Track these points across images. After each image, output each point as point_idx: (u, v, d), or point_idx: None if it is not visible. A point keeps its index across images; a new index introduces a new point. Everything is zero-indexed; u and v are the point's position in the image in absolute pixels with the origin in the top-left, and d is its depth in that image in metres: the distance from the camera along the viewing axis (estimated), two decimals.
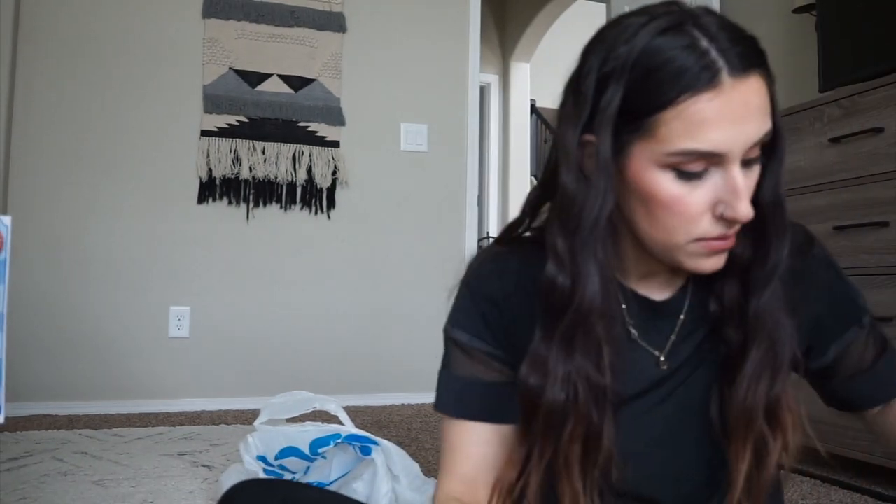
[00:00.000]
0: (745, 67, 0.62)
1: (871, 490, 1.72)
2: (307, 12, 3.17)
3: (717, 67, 0.61)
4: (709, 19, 0.64)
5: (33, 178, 2.81)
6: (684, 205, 0.65)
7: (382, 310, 3.16)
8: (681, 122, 0.62)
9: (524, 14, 6.29)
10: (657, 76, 0.62)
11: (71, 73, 2.87)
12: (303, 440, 1.38)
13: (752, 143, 0.63)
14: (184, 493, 1.65)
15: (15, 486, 1.66)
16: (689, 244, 0.67)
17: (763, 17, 2.75)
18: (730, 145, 0.62)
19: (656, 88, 0.62)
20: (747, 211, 0.64)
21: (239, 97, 3.05)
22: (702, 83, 0.61)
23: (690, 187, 0.64)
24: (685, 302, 0.77)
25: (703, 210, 0.65)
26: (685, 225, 0.66)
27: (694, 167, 0.63)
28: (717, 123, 0.61)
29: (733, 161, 0.63)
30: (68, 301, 2.82)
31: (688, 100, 0.61)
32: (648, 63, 0.62)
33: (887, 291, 1.72)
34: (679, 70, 0.61)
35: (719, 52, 0.61)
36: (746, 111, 0.62)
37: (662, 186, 0.65)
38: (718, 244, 0.67)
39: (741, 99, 0.61)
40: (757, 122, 0.63)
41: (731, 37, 0.63)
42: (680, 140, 0.62)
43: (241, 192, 3.04)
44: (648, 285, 0.77)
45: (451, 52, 3.39)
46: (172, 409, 2.87)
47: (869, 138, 1.79)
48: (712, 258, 0.68)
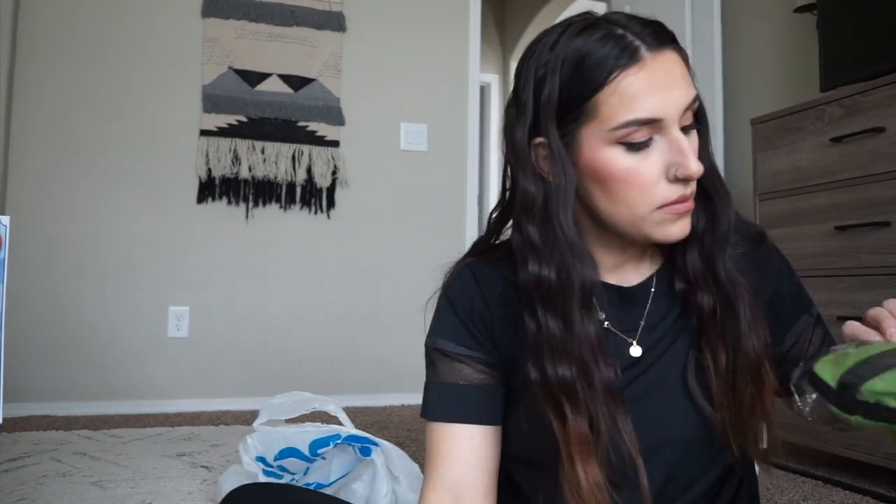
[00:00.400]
0: (660, 43, 0.69)
1: (872, 491, 1.72)
2: (307, 12, 3.16)
3: (635, 46, 0.68)
4: (617, 16, 0.72)
5: (32, 177, 2.80)
6: (639, 174, 0.70)
7: (382, 310, 3.15)
8: (617, 98, 0.68)
9: (524, 14, 6.29)
10: (585, 65, 0.69)
11: (69, 73, 2.86)
12: (302, 441, 1.37)
13: (683, 108, 0.69)
14: (182, 494, 1.64)
15: (13, 487, 1.65)
16: (653, 213, 0.71)
17: (764, 17, 2.75)
18: (664, 110, 0.68)
19: (588, 75, 0.69)
20: (697, 166, 0.68)
21: (238, 97, 3.04)
22: (626, 60, 0.68)
23: (640, 158, 0.69)
24: (652, 287, 0.80)
25: (657, 177, 0.70)
26: (644, 195, 0.70)
27: (639, 137, 0.69)
28: (648, 92, 0.67)
29: (672, 125, 0.69)
30: (67, 301, 2.81)
31: (618, 77, 0.68)
32: (575, 58, 0.70)
33: (888, 292, 1.72)
34: (603, 55, 0.68)
35: (633, 34, 0.69)
36: (670, 79, 0.68)
37: (615, 162, 0.70)
38: (679, 207, 0.71)
39: (662, 69, 0.68)
40: (682, 88, 0.69)
41: (640, 22, 0.70)
42: (620, 114, 0.68)
43: (240, 192, 3.04)
44: (617, 276, 0.81)
45: (451, 52, 3.39)
46: (171, 409, 2.86)
47: (870, 138, 1.78)
48: (678, 223, 0.72)
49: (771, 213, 2.09)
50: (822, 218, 1.91)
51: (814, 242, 1.94)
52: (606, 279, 0.80)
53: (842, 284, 1.85)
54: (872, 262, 1.77)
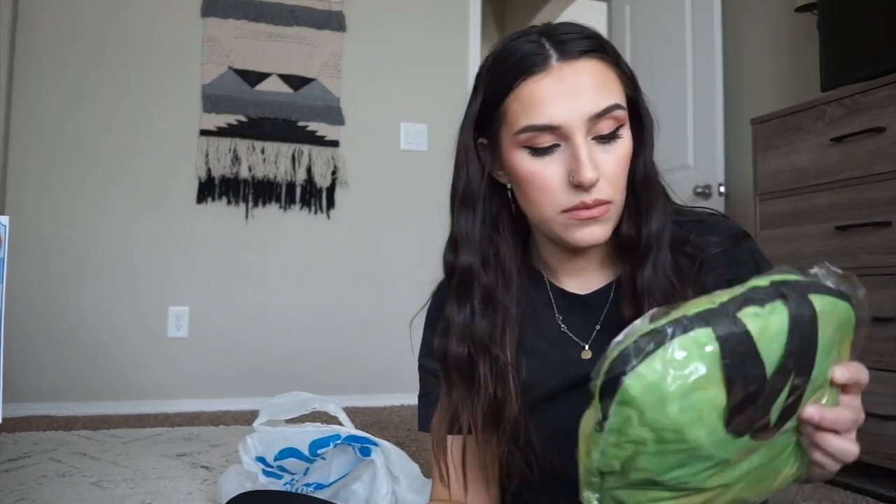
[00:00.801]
0: (575, 54, 0.71)
1: (873, 491, 1.71)
2: (307, 11, 3.16)
3: (547, 55, 0.71)
4: (560, 27, 0.74)
5: (31, 177, 2.80)
6: (541, 178, 0.73)
7: (382, 310, 3.14)
8: (520, 104, 0.72)
9: (524, 14, 6.29)
10: (501, 69, 0.74)
11: (69, 73, 2.86)
12: (302, 441, 1.37)
13: (589, 115, 0.70)
14: (182, 495, 1.64)
15: (13, 488, 1.65)
16: (558, 216, 0.74)
17: (765, 17, 2.75)
18: (565, 117, 0.70)
19: (501, 79, 0.73)
20: (590, 176, 0.70)
21: (238, 97, 3.04)
22: (534, 67, 0.71)
23: (544, 163, 0.72)
24: (610, 294, 0.82)
25: (559, 182, 0.72)
26: (548, 198, 0.73)
27: (542, 142, 0.72)
28: (550, 99, 0.70)
29: (575, 132, 0.70)
30: (66, 301, 2.81)
31: (523, 83, 0.71)
32: (496, 61, 0.75)
33: (889, 292, 1.72)
34: (517, 60, 0.72)
35: (551, 43, 0.72)
36: (577, 87, 0.70)
37: (521, 165, 0.74)
38: (582, 213, 0.72)
39: (571, 77, 0.70)
40: (591, 96, 0.70)
41: (568, 34, 0.72)
42: (522, 118, 0.72)
43: (240, 192, 3.04)
44: (575, 282, 0.83)
45: (451, 52, 3.38)
46: (171, 409, 2.86)
47: (871, 138, 1.78)
48: (584, 229, 0.74)
49: (771, 213, 2.09)
50: (822, 218, 1.91)
51: (814, 242, 1.93)
52: (565, 284, 0.83)
53: None
54: (873, 262, 1.77)
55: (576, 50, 0.71)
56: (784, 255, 2.03)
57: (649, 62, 3.05)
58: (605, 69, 0.72)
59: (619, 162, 0.73)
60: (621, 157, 0.73)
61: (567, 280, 0.83)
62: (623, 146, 0.73)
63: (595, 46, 0.72)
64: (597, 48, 0.72)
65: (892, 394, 1.69)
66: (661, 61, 2.97)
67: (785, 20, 2.64)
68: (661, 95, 3.09)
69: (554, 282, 0.84)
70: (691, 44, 2.86)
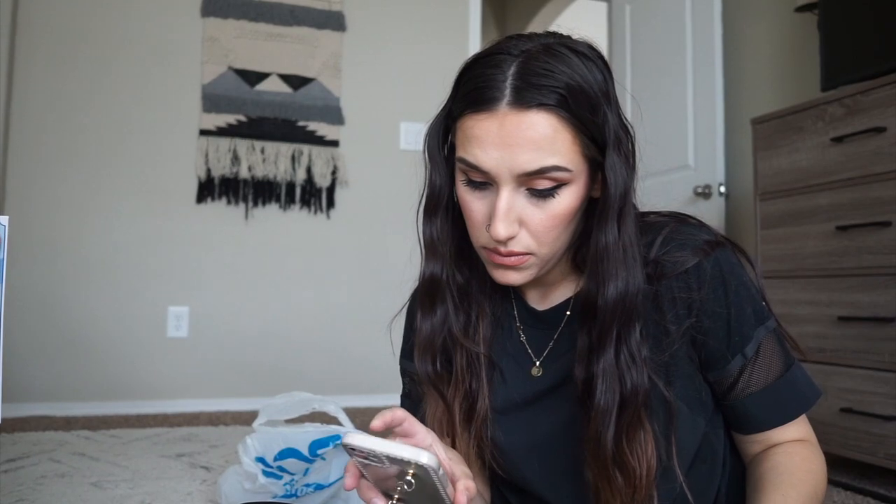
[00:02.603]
0: (529, 103, 0.65)
1: (873, 492, 1.71)
2: (306, 11, 3.16)
3: (500, 95, 0.66)
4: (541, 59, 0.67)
5: (31, 177, 2.80)
6: (470, 210, 0.72)
7: (382, 310, 3.13)
8: (462, 134, 0.70)
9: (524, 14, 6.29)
10: (462, 89, 0.70)
11: (69, 73, 2.86)
12: (302, 441, 1.37)
13: (520, 172, 0.66)
14: (182, 495, 1.63)
15: (12, 488, 1.65)
16: (480, 250, 0.73)
17: (765, 16, 2.74)
18: (492, 165, 0.67)
19: (459, 100, 0.70)
20: (497, 231, 0.68)
21: (238, 96, 3.04)
22: (481, 104, 0.67)
23: (474, 196, 0.71)
24: (565, 313, 0.80)
25: (482, 220, 0.71)
26: (472, 230, 0.73)
27: (475, 177, 0.70)
28: (483, 142, 0.67)
29: (502, 182, 0.68)
30: (66, 301, 2.81)
31: (467, 116, 0.68)
32: (465, 77, 0.71)
33: (889, 292, 1.71)
34: (472, 88, 0.68)
35: (513, 84, 0.66)
36: (516, 140, 0.66)
37: (459, 188, 0.73)
38: (496, 258, 0.71)
39: (513, 127, 0.66)
40: (528, 153, 0.66)
41: (536, 77, 0.66)
42: (460, 149, 0.70)
43: (239, 192, 3.03)
44: (535, 295, 0.83)
45: (451, 52, 3.38)
46: (170, 409, 2.86)
47: (871, 138, 1.78)
48: (498, 270, 0.73)
49: (772, 213, 2.08)
50: (822, 218, 1.91)
51: (815, 242, 1.93)
52: (528, 297, 0.83)
53: (842, 284, 1.84)
54: (873, 262, 1.77)
55: (533, 100, 0.65)
56: (784, 255, 2.03)
57: (649, 62, 3.04)
58: (559, 126, 0.66)
59: (549, 219, 0.69)
60: (553, 216, 0.69)
61: (530, 292, 0.83)
62: (559, 205, 0.69)
63: (557, 101, 0.66)
64: (559, 102, 0.66)
65: (892, 394, 1.69)
66: (661, 61, 2.97)
67: (785, 20, 2.64)
68: (661, 95, 3.09)
69: (518, 292, 0.84)
70: (691, 44, 2.86)
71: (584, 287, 0.73)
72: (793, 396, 0.76)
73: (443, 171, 0.76)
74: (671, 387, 0.73)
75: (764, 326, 0.76)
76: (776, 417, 0.76)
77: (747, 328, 0.74)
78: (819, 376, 1.88)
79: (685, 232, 0.76)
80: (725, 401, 0.77)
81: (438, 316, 0.78)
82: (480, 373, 0.79)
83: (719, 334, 0.74)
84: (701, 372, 0.77)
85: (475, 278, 0.81)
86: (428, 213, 0.77)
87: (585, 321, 0.73)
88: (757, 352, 0.75)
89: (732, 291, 0.74)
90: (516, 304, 0.83)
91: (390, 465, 0.57)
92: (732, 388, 0.76)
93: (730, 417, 0.79)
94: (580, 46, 0.70)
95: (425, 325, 0.78)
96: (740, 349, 0.74)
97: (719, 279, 0.74)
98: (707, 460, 0.78)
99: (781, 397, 0.76)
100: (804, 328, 1.94)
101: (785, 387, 0.76)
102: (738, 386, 0.75)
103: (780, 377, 0.76)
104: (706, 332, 0.74)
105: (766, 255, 2.09)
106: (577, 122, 0.67)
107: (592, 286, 0.71)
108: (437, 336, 0.78)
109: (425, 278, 0.78)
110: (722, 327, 0.74)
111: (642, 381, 0.69)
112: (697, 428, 0.76)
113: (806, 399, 0.77)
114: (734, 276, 0.75)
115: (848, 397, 1.81)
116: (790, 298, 1.99)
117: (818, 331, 1.91)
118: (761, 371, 0.75)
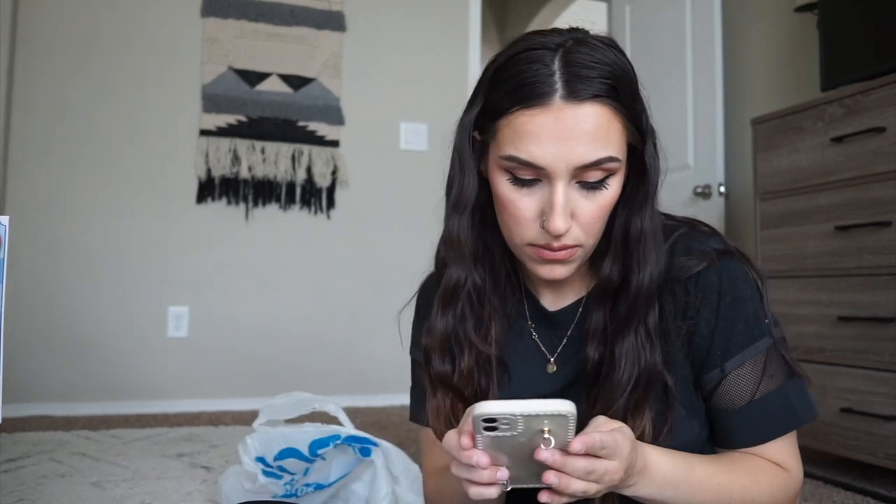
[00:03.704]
0: (583, 95, 0.66)
1: (873, 492, 1.71)
2: (306, 11, 3.16)
3: (553, 89, 0.66)
4: (581, 52, 0.68)
5: (31, 177, 2.80)
6: (515, 208, 0.71)
7: (382, 309, 3.13)
8: (511, 131, 0.68)
9: (524, 14, 6.29)
10: (505, 86, 0.69)
11: (69, 73, 2.86)
12: (302, 441, 1.37)
13: (577, 165, 0.67)
14: (182, 495, 1.64)
15: (12, 488, 1.65)
16: (524, 247, 0.73)
17: (764, 16, 2.74)
18: (550, 160, 0.67)
19: (502, 97, 0.69)
20: (557, 226, 0.68)
21: (238, 96, 3.04)
22: (534, 99, 0.66)
23: (522, 194, 0.70)
24: (577, 314, 0.81)
25: (531, 217, 0.70)
26: (517, 228, 0.72)
27: (523, 174, 0.69)
28: (539, 138, 0.66)
29: (557, 177, 0.68)
30: (66, 301, 2.81)
31: (518, 111, 0.67)
32: (504, 74, 0.70)
33: (889, 292, 1.72)
34: (521, 84, 0.67)
35: (564, 77, 0.66)
36: (573, 133, 0.66)
37: (501, 187, 0.71)
38: (546, 253, 0.71)
39: (569, 121, 0.66)
40: (585, 145, 0.66)
41: (585, 69, 0.67)
42: (509, 147, 0.69)
43: (240, 192, 3.03)
44: (547, 295, 0.83)
45: (450, 52, 3.38)
46: (171, 409, 2.86)
47: (871, 138, 1.78)
48: (546, 266, 0.73)
49: (771, 213, 2.09)
50: (822, 218, 1.91)
51: (814, 242, 1.93)
52: (540, 295, 0.83)
53: (843, 284, 1.84)
54: (873, 262, 1.77)
55: (587, 92, 0.66)
56: (784, 255, 2.03)
57: (649, 62, 3.04)
58: (612, 117, 0.68)
59: (598, 210, 0.70)
60: (602, 206, 0.70)
61: (544, 292, 0.83)
62: (607, 195, 0.70)
63: (608, 91, 0.67)
64: (610, 92, 0.67)
65: (892, 394, 1.69)
66: (661, 61, 2.97)
67: (785, 20, 2.64)
68: (661, 95, 3.09)
69: (531, 290, 0.84)
70: (691, 44, 2.86)
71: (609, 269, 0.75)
72: (777, 415, 0.74)
73: (473, 171, 0.75)
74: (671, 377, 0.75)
75: (754, 346, 0.74)
76: (752, 437, 0.75)
77: (732, 344, 0.74)
78: (819, 376, 1.88)
79: (696, 238, 0.77)
80: (708, 412, 0.77)
81: (455, 316, 0.78)
82: (491, 373, 0.79)
83: (704, 344, 0.75)
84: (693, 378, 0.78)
85: (491, 279, 0.81)
86: (455, 213, 0.76)
87: (603, 302, 0.76)
88: (740, 368, 0.74)
89: (725, 305, 0.74)
90: (528, 303, 0.83)
91: (524, 427, 0.56)
92: (708, 400, 0.76)
93: (712, 429, 0.78)
94: (605, 39, 0.71)
95: (440, 325, 0.78)
96: (719, 363, 0.74)
97: (716, 290, 0.74)
98: None
99: (762, 416, 0.74)
100: (804, 328, 1.94)
101: (770, 406, 0.74)
102: (714, 398, 0.76)
103: (766, 395, 0.74)
104: (693, 339, 0.75)
105: (765, 255, 2.09)
106: (625, 111, 0.69)
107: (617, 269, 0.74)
108: (451, 336, 0.78)
109: (446, 278, 0.78)
110: (707, 337, 0.74)
111: (656, 362, 0.72)
112: (693, 430, 0.76)
113: (795, 418, 0.75)
114: (732, 290, 0.74)
115: (848, 397, 1.81)
116: (790, 298, 1.99)
117: (818, 331, 1.91)
118: (742, 388, 0.74)
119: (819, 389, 1.86)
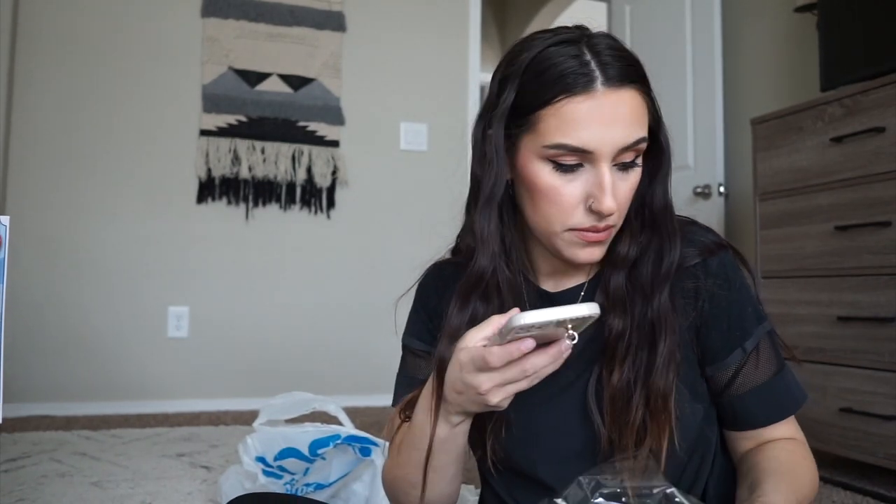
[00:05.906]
0: (620, 81, 0.71)
1: (873, 492, 1.71)
2: (306, 11, 3.16)
3: (593, 76, 0.70)
4: (601, 40, 0.73)
5: (32, 178, 2.80)
6: (559, 195, 0.73)
7: (382, 309, 3.13)
8: (556, 119, 0.71)
9: (524, 14, 6.29)
10: (542, 78, 0.72)
11: (69, 73, 2.86)
12: (302, 441, 1.37)
13: (621, 147, 0.71)
14: (182, 495, 1.64)
15: (12, 488, 1.65)
16: (565, 233, 0.75)
17: (764, 16, 2.75)
18: (598, 144, 0.70)
19: (540, 89, 0.72)
20: (610, 205, 0.71)
21: (238, 97, 3.04)
22: (577, 87, 0.70)
23: (565, 180, 0.73)
24: (580, 295, 0.83)
25: (576, 202, 0.73)
26: (560, 214, 0.74)
27: (568, 161, 0.72)
28: (587, 123, 0.70)
29: (603, 159, 0.71)
30: (66, 301, 2.81)
31: (564, 100, 0.70)
32: (538, 67, 0.72)
33: (889, 292, 1.72)
34: (560, 74, 0.71)
35: (599, 64, 0.71)
36: (615, 117, 0.70)
37: (542, 176, 0.73)
38: (591, 235, 0.74)
39: (611, 106, 0.70)
40: (626, 128, 0.71)
41: (614, 55, 0.72)
42: (554, 135, 0.71)
43: (240, 192, 3.04)
44: (552, 281, 0.85)
45: (450, 52, 3.38)
46: (171, 409, 2.86)
47: (871, 137, 1.78)
48: (587, 249, 0.75)
49: (771, 213, 2.09)
50: (822, 218, 1.91)
51: (814, 242, 1.93)
52: (542, 283, 0.85)
53: (843, 284, 1.85)
54: (873, 262, 1.77)
55: (624, 78, 0.71)
56: (784, 255, 2.03)
57: (649, 62, 3.01)
58: (641, 100, 0.73)
59: (630, 189, 0.75)
60: (633, 185, 0.75)
61: (543, 278, 0.85)
62: (636, 175, 0.75)
63: (637, 76, 0.73)
64: (637, 77, 0.73)
65: (892, 394, 1.69)
66: (661, 61, 2.97)
67: (785, 20, 2.64)
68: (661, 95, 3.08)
69: (531, 278, 0.86)
70: (691, 44, 2.86)
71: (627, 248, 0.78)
72: (786, 396, 0.80)
73: (504, 163, 0.77)
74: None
75: (762, 326, 0.80)
76: (772, 414, 0.79)
77: (748, 324, 0.79)
78: (819, 376, 1.88)
79: (694, 231, 0.81)
80: (722, 397, 0.80)
81: (473, 310, 0.79)
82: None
83: (721, 325, 0.78)
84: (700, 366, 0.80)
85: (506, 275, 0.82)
86: (485, 207, 0.78)
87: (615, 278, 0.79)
88: (756, 348, 0.78)
89: (736, 288, 0.79)
90: (526, 287, 0.84)
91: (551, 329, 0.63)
92: (731, 383, 0.79)
93: (725, 414, 0.81)
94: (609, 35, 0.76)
95: (458, 317, 0.79)
96: (740, 343, 0.78)
97: (724, 275, 0.79)
98: (699, 452, 0.80)
99: (776, 395, 0.79)
100: (804, 328, 1.94)
101: (779, 386, 0.79)
102: (737, 381, 0.79)
103: (774, 376, 0.79)
104: (709, 322, 0.78)
105: (765, 255, 2.09)
106: (649, 95, 0.75)
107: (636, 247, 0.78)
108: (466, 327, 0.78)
109: (473, 272, 0.79)
110: (724, 319, 0.78)
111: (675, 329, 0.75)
112: (696, 413, 0.78)
113: (796, 400, 0.80)
114: (737, 276, 0.79)
115: (848, 397, 1.81)
116: (790, 298, 1.99)
117: (818, 331, 1.91)
118: (758, 368, 0.79)
119: (819, 389, 1.87)
